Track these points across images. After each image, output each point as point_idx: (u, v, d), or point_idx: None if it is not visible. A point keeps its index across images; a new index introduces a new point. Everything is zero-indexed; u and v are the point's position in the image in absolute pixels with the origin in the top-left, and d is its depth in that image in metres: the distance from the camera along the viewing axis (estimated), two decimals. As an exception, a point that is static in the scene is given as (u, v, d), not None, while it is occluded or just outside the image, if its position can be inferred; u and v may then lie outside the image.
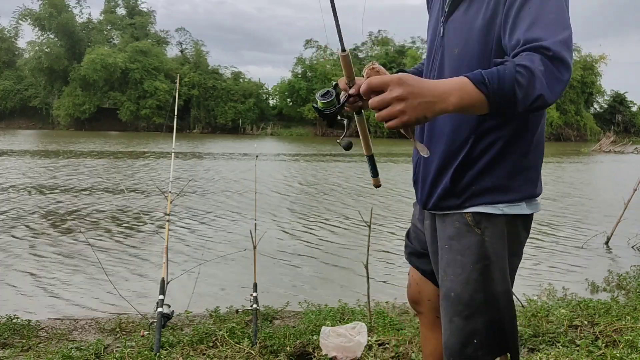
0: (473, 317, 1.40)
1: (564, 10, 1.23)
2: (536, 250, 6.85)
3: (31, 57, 47.18)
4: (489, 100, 1.12)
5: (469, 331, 1.40)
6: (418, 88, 1.11)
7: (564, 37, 1.17)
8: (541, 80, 1.12)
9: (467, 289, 1.39)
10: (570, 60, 1.16)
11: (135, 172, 14.67)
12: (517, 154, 1.37)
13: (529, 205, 1.43)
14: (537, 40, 1.16)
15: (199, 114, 48.57)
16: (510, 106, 1.13)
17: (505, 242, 1.41)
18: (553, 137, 47.90)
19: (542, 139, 1.42)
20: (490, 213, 1.38)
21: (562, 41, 1.16)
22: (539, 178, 1.44)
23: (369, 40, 55.06)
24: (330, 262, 6.04)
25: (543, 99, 1.12)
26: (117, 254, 6.13)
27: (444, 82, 1.15)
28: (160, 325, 2.96)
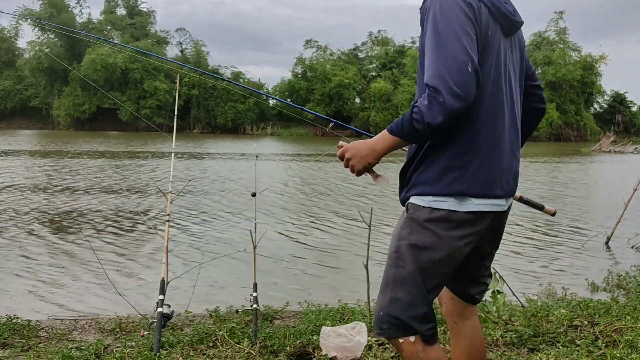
0: (384, 292, 1.60)
1: (444, 41, 1.43)
2: (536, 250, 6.85)
3: (31, 57, 47.17)
4: (402, 139, 1.51)
5: (381, 305, 1.60)
6: (356, 149, 1.59)
7: (441, 71, 1.40)
8: (426, 113, 1.41)
9: (387, 265, 1.64)
10: (459, 78, 1.39)
11: (135, 172, 14.67)
12: (447, 155, 1.54)
13: (460, 202, 1.54)
14: (427, 83, 1.44)
15: (199, 114, 48.58)
16: (418, 136, 1.47)
17: (424, 232, 1.56)
18: (553, 137, 47.89)
19: (490, 143, 1.56)
20: (417, 204, 1.59)
21: (440, 75, 1.40)
22: (482, 179, 1.55)
23: (369, 41, 55.14)
24: (331, 262, 6.04)
25: (430, 125, 1.42)
26: (117, 254, 6.13)
27: (374, 138, 1.58)
28: (160, 325, 2.96)
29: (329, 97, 47.71)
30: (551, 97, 48.02)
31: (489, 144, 1.56)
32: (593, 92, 53.66)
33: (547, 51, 50.07)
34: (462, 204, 1.54)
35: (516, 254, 6.59)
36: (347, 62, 51.05)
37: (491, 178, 1.57)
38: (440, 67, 1.40)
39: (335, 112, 48.27)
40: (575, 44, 51.90)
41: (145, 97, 46.70)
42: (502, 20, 1.57)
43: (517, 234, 7.84)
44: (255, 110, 49.72)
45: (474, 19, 1.47)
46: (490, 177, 1.57)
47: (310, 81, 49.14)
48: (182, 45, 54.36)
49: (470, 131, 1.53)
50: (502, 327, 3.27)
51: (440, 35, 1.44)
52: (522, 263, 6.16)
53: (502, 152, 1.59)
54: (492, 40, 1.52)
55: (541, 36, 51.59)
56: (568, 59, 49.87)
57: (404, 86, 46.73)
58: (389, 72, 50.77)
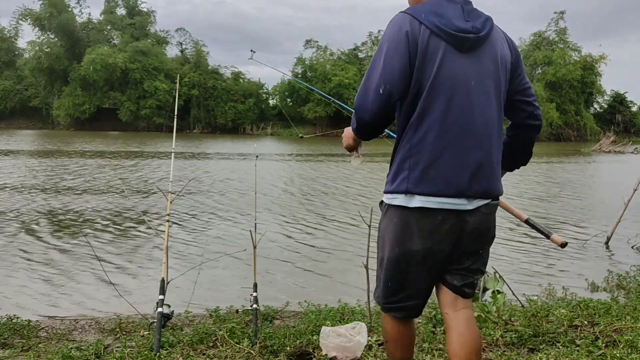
0: (377, 270, 1.97)
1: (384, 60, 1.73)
2: (536, 250, 6.85)
3: (31, 57, 47.13)
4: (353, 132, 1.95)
5: (376, 279, 1.99)
6: (344, 132, 2.05)
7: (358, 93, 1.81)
8: (352, 119, 1.90)
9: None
10: (361, 110, 1.79)
11: (135, 172, 14.67)
12: (399, 159, 1.80)
13: (409, 199, 1.77)
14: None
15: (199, 114, 48.55)
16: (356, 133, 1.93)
17: (387, 223, 1.88)
18: (553, 137, 47.88)
19: (439, 146, 1.72)
20: (383, 201, 1.91)
21: (357, 95, 1.81)
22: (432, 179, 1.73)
23: (369, 41, 55.08)
24: (331, 262, 6.04)
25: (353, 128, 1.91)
26: (117, 254, 6.13)
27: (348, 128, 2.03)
28: (160, 325, 2.96)
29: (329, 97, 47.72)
30: (551, 97, 48.03)
31: (440, 147, 1.73)
32: (593, 92, 53.65)
33: (547, 51, 50.05)
34: (410, 201, 1.76)
35: (516, 254, 6.59)
36: (347, 62, 51.04)
37: (443, 178, 1.73)
38: (359, 90, 1.80)
39: (336, 112, 48.22)
40: (575, 44, 51.95)
41: (145, 97, 46.65)
42: (449, 39, 1.72)
43: (517, 234, 7.84)
44: (255, 110, 49.70)
45: (408, 44, 1.70)
46: (442, 177, 1.73)
47: (310, 81, 49.09)
48: (182, 45, 54.37)
49: (416, 136, 1.75)
50: (502, 327, 3.27)
51: (372, 62, 1.78)
52: (522, 263, 6.16)
53: (458, 155, 1.73)
54: (433, 56, 1.71)
55: (541, 36, 51.57)
56: (568, 59, 49.87)
57: (404, 86, 46.68)
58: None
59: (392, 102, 1.74)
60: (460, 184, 1.73)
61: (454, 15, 1.75)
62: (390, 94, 1.71)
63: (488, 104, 1.80)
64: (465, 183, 1.74)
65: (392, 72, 1.71)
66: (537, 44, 51.54)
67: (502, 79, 1.84)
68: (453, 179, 1.72)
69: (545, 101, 46.88)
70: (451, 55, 1.73)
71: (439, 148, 1.73)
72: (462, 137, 1.74)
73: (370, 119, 1.79)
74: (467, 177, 1.74)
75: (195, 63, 50.27)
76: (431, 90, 1.72)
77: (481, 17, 1.82)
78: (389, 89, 1.71)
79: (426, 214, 1.75)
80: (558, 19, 51.29)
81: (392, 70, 1.71)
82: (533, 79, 49.55)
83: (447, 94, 1.72)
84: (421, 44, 1.70)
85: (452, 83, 1.73)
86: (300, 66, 50.63)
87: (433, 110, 1.73)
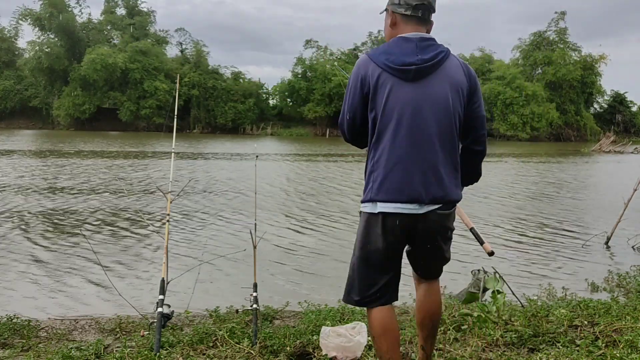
0: (350, 275, 2.28)
1: (346, 96, 2.21)
2: (536, 250, 6.86)
3: (31, 57, 47.08)
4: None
5: (348, 284, 2.28)
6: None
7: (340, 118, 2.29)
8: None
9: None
10: (341, 129, 2.30)
11: (135, 173, 14.68)
12: (367, 174, 2.18)
13: (372, 206, 2.14)
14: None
15: (199, 114, 48.52)
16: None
17: (359, 228, 2.24)
18: (553, 137, 47.88)
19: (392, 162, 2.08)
20: (360, 209, 2.25)
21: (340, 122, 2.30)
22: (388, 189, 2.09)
23: (369, 41, 55.09)
24: (331, 262, 6.04)
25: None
26: (117, 254, 6.13)
27: None
28: (160, 325, 2.96)
29: (329, 97, 47.65)
30: (551, 97, 48.03)
31: (392, 162, 2.09)
32: (593, 92, 53.61)
33: (547, 51, 50.04)
34: (374, 208, 2.13)
35: (516, 254, 6.60)
36: (347, 62, 51.04)
37: (397, 188, 2.08)
38: (342, 112, 2.26)
39: (336, 112, 48.23)
40: (575, 43, 51.81)
41: (145, 97, 46.61)
42: (395, 72, 2.08)
43: (517, 234, 7.85)
44: (255, 110, 49.67)
45: (362, 81, 2.13)
46: (396, 187, 2.08)
47: (310, 81, 49.08)
48: (182, 45, 54.32)
49: (376, 155, 2.14)
50: (502, 327, 3.27)
51: (344, 96, 2.23)
52: (522, 263, 6.16)
53: (406, 169, 2.08)
54: (382, 89, 2.09)
55: (541, 36, 51.55)
56: (568, 59, 49.84)
57: (404, 86, 46.66)
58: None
59: (357, 125, 2.21)
60: (411, 192, 2.08)
61: (403, 52, 2.10)
62: (354, 119, 2.20)
63: (434, 123, 2.10)
64: (415, 191, 2.08)
65: (352, 104, 2.19)
66: (537, 44, 51.51)
67: (455, 102, 2.13)
68: (404, 188, 2.08)
69: (545, 101, 46.89)
70: (398, 85, 2.09)
71: (391, 164, 2.10)
72: (410, 153, 2.08)
73: (347, 137, 2.31)
74: (416, 187, 2.08)
75: (195, 63, 50.23)
76: (382, 116, 2.10)
77: (434, 50, 2.11)
78: (352, 116, 2.20)
79: (385, 217, 2.12)
80: (558, 19, 51.30)
81: (352, 103, 2.19)
82: (533, 79, 49.57)
83: (396, 118, 2.08)
84: (372, 80, 2.11)
85: (399, 109, 2.08)
86: (300, 66, 50.60)
87: (386, 132, 2.10)
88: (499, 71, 48.95)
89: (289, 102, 50.94)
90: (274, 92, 52.97)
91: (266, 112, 51.92)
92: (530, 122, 45.96)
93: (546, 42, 51.14)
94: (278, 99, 52.60)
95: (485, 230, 8.00)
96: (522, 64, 51.27)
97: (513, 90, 46.28)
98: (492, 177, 16.14)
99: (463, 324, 3.36)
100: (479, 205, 10.43)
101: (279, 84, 51.47)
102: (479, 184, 2.79)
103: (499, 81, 47.38)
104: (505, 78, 47.26)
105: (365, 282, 2.21)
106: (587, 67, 50.23)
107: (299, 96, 49.05)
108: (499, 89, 46.59)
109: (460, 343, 3.10)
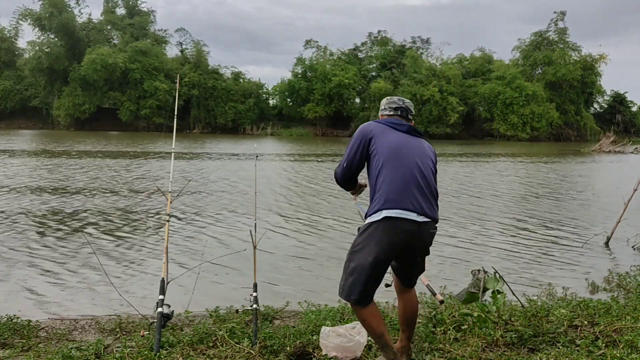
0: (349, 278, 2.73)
1: (348, 150, 2.88)
2: (536, 250, 6.85)
3: (31, 57, 47.06)
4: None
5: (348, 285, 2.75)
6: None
7: (338, 166, 2.98)
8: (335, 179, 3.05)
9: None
10: (336, 175, 3.02)
11: (135, 172, 14.67)
12: (371, 199, 2.78)
13: (378, 214, 2.65)
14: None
15: (199, 114, 48.50)
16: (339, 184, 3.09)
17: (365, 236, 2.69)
18: (553, 137, 47.88)
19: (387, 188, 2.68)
20: (360, 227, 2.79)
21: (337, 169, 2.99)
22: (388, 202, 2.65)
23: (369, 41, 55.08)
24: (331, 262, 6.04)
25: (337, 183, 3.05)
26: (117, 254, 6.13)
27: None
28: (160, 325, 2.96)
29: (329, 97, 47.65)
30: (551, 97, 48.04)
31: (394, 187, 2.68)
32: (593, 92, 53.61)
33: (547, 51, 50.04)
34: (380, 215, 2.64)
35: (516, 254, 6.60)
36: (347, 62, 51.02)
37: (396, 201, 2.63)
38: (340, 162, 2.95)
39: (336, 112, 48.24)
40: (575, 43, 51.78)
41: (145, 97, 46.59)
42: (397, 128, 2.85)
43: (517, 234, 7.85)
44: (255, 110, 49.66)
45: (363, 136, 2.83)
46: (396, 201, 2.63)
47: (310, 81, 49.06)
48: (182, 45, 54.27)
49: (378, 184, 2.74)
50: (502, 327, 3.27)
51: (348, 145, 2.88)
52: (522, 263, 6.16)
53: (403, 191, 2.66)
54: (382, 136, 2.79)
55: (541, 36, 51.55)
56: (568, 59, 49.84)
57: (404, 86, 46.71)
58: (388, 72, 50.76)
59: (352, 172, 2.91)
60: (408, 205, 2.63)
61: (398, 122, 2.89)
62: (350, 166, 2.89)
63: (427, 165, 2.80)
64: (411, 205, 2.64)
65: (356, 155, 2.85)
66: (537, 44, 51.52)
67: (429, 154, 2.87)
68: (402, 202, 2.64)
69: (545, 101, 46.90)
70: (400, 136, 2.81)
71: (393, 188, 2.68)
72: (404, 181, 2.68)
73: (339, 181, 3.02)
74: (411, 202, 2.64)
75: (195, 63, 50.21)
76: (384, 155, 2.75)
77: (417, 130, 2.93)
78: (349, 163, 2.88)
79: (389, 220, 2.62)
80: (558, 20, 51.31)
81: (355, 154, 2.85)
82: (533, 79, 49.57)
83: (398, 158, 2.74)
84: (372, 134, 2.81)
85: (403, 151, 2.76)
86: (300, 66, 50.58)
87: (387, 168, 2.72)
88: (499, 71, 48.96)
89: (289, 102, 50.92)
90: (274, 92, 52.96)
91: (266, 112, 51.89)
92: (530, 122, 45.99)
93: (546, 42, 51.14)
94: (278, 99, 52.58)
95: (485, 230, 8.00)
96: (522, 64, 51.28)
97: (513, 90, 46.30)
98: (491, 177, 16.14)
99: (463, 324, 3.36)
100: (478, 204, 10.43)
101: (279, 84, 51.47)
102: (479, 184, 2.79)
103: (499, 81, 47.41)
104: (505, 78, 47.28)
105: (366, 286, 2.64)
106: (587, 67, 50.22)
107: (299, 96, 49.04)
108: (499, 89, 46.62)
109: (460, 343, 3.09)
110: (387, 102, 3.03)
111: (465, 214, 9.36)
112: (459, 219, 8.73)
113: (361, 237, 2.68)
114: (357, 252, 2.66)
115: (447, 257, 6.21)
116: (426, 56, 53.21)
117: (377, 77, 50.56)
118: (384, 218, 2.60)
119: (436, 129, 45.81)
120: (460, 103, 46.71)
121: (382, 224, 2.60)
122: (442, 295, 4.69)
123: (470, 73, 51.66)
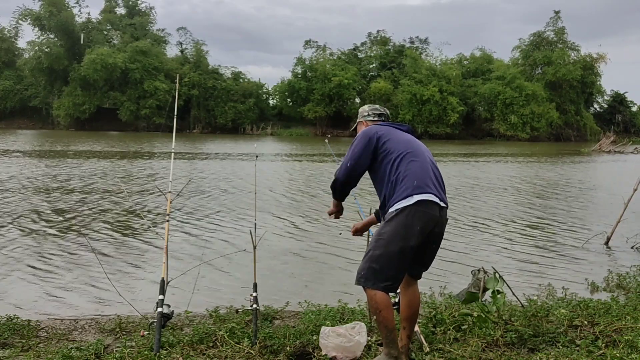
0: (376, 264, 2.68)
1: (353, 151, 2.90)
2: (536, 250, 6.85)
3: (31, 57, 47.05)
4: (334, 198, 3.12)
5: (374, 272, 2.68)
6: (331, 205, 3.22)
7: (339, 168, 2.97)
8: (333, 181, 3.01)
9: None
10: (337, 175, 2.97)
11: (135, 172, 14.67)
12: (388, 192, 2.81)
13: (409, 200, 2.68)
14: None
15: (199, 114, 48.49)
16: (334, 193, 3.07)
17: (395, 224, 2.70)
18: (553, 137, 47.87)
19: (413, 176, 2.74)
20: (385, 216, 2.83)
21: (338, 171, 2.97)
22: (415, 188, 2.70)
23: (368, 41, 55.06)
24: (330, 262, 6.04)
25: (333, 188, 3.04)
26: (117, 254, 6.13)
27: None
28: (160, 325, 2.96)
29: (329, 97, 47.64)
30: (551, 97, 48.01)
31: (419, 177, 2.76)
32: (593, 92, 53.59)
33: (546, 51, 50.01)
34: (411, 200, 2.67)
35: (516, 254, 6.60)
36: (347, 62, 51.01)
37: (421, 187, 2.71)
38: (342, 163, 2.97)
39: (336, 112, 48.22)
40: (574, 43, 51.74)
41: (145, 97, 46.57)
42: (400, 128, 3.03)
43: (517, 234, 7.85)
44: (255, 111, 49.64)
45: (370, 138, 2.88)
46: (421, 187, 2.71)
47: (310, 81, 49.05)
48: (182, 45, 54.25)
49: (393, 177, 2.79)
50: (502, 327, 3.27)
51: (351, 148, 2.93)
52: (522, 263, 6.16)
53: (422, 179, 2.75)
54: (391, 135, 2.91)
55: (540, 36, 51.52)
56: (568, 58, 49.82)
57: (404, 86, 46.73)
58: (388, 72, 50.74)
59: (357, 172, 2.91)
60: (434, 190, 2.74)
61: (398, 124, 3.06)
62: (353, 168, 2.90)
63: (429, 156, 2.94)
64: (435, 190, 2.75)
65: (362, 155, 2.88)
66: (537, 44, 51.50)
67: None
68: (429, 188, 2.73)
69: (545, 101, 46.89)
70: (404, 134, 2.97)
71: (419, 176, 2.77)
72: (425, 170, 2.80)
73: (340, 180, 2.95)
74: (435, 188, 2.76)
75: (195, 63, 50.20)
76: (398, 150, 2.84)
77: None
78: (352, 164, 2.90)
79: (422, 203, 2.69)
80: (556, 19, 51.26)
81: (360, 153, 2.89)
82: (533, 79, 49.55)
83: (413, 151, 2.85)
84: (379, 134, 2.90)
85: (413, 145, 2.90)
86: (300, 66, 50.56)
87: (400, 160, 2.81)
88: (499, 71, 48.95)
89: (289, 102, 50.91)
90: (274, 92, 52.94)
91: (266, 112, 51.88)
92: (530, 122, 45.98)
93: (545, 42, 51.11)
94: (278, 99, 52.56)
95: (485, 230, 8.00)
96: (522, 64, 51.26)
97: (513, 90, 46.29)
98: (491, 176, 16.14)
99: (463, 324, 3.36)
100: (478, 204, 10.43)
101: (279, 84, 51.46)
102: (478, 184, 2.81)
103: (499, 81, 47.41)
104: (505, 78, 47.27)
105: (395, 271, 2.67)
106: (587, 67, 50.18)
107: (298, 96, 49.03)
108: (499, 89, 46.62)
109: (460, 343, 3.09)
110: (369, 109, 3.20)
111: (465, 213, 9.36)
112: (459, 219, 8.73)
113: (390, 225, 2.68)
114: (385, 240, 2.66)
115: (447, 257, 6.21)
116: (425, 56, 53.21)
117: (376, 77, 50.55)
118: (417, 202, 2.65)
119: (436, 129, 45.82)
120: (460, 103, 46.71)
121: (414, 209, 2.65)
122: (442, 295, 4.70)
123: (470, 73, 51.67)
